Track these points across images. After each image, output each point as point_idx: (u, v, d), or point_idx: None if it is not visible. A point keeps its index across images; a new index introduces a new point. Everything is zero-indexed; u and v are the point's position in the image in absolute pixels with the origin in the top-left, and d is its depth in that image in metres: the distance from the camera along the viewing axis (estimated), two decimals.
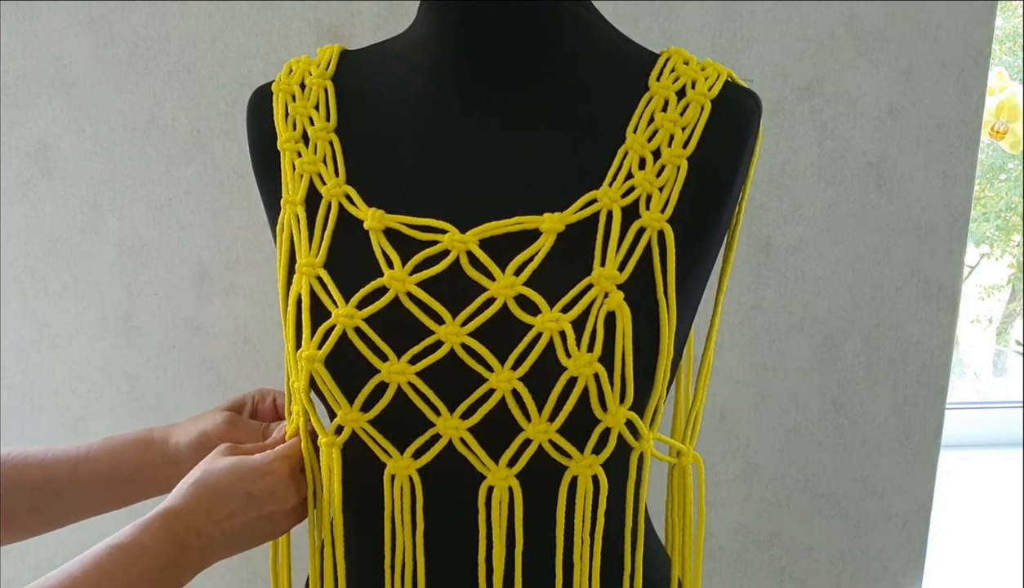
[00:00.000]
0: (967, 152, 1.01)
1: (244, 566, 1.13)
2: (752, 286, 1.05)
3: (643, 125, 0.52)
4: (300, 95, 0.58)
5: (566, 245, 0.50)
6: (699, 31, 0.98)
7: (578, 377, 0.47)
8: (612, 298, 0.48)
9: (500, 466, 0.50)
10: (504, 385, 0.48)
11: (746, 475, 1.12)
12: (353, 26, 0.97)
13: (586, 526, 0.51)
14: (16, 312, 1.05)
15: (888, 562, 1.15)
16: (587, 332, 0.47)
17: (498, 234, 0.50)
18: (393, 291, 0.50)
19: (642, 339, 0.49)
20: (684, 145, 0.52)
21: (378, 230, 0.52)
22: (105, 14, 0.96)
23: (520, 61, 0.53)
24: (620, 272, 0.49)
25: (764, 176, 1.02)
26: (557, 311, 0.48)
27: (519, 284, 0.49)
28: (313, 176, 0.55)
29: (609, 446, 0.49)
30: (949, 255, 1.05)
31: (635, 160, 0.51)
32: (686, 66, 0.54)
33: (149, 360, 1.06)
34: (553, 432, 0.48)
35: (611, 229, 0.50)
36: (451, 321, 0.49)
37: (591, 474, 0.50)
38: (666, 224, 0.50)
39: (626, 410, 0.49)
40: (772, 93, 1.00)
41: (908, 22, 0.98)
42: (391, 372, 0.49)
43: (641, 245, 0.50)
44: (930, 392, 1.09)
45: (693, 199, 0.52)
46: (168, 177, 1.01)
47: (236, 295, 1.04)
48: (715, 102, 0.53)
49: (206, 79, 0.98)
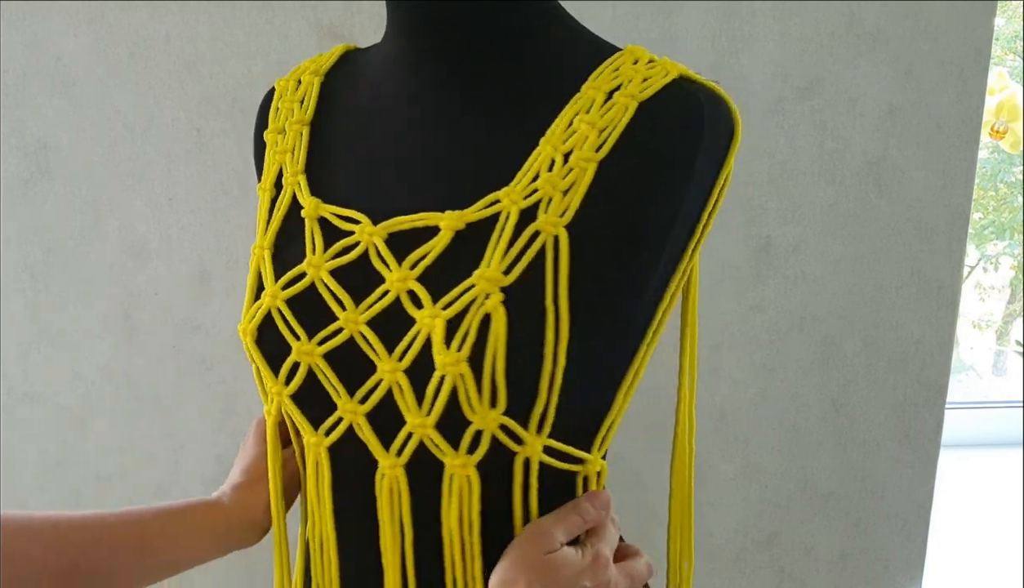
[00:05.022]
0: (967, 152, 1.01)
1: (244, 565, 1.13)
2: (752, 286, 1.05)
3: (561, 127, 0.51)
4: (293, 90, 0.61)
5: (464, 243, 0.50)
6: (699, 31, 0.98)
7: (446, 376, 0.47)
8: (491, 300, 0.47)
9: (390, 454, 0.51)
10: (389, 376, 0.50)
11: (746, 475, 1.12)
12: (353, 26, 0.97)
13: (464, 526, 0.51)
14: (16, 312, 1.05)
15: (888, 562, 1.15)
16: (460, 332, 0.47)
17: (404, 229, 0.52)
18: (310, 277, 0.53)
19: (524, 345, 0.48)
20: (597, 148, 0.49)
21: (312, 218, 0.55)
22: (105, 14, 0.96)
23: (472, 60, 0.53)
24: (506, 274, 0.48)
25: (764, 176, 1.02)
26: (438, 308, 0.48)
27: (411, 278, 0.50)
28: (282, 164, 0.59)
29: (481, 448, 0.49)
30: (949, 255, 1.05)
31: (545, 162, 0.50)
32: (635, 65, 0.52)
33: (149, 360, 1.06)
34: (431, 428, 0.49)
35: (506, 230, 0.49)
36: (352, 309, 0.51)
37: (465, 474, 0.50)
38: (562, 229, 0.48)
39: (499, 414, 0.48)
40: (772, 93, 1.00)
41: (908, 22, 0.98)
42: (300, 352, 0.52)
43: (533, 249, 0.48)
44: (930, 392, 1.09)
45: (609, 205, 0.49)
46: (168, 177, 1.01)
47: (236, 295, 1.04)
48: (647, 103, 0.50)
49: (206, 79, 0.98)
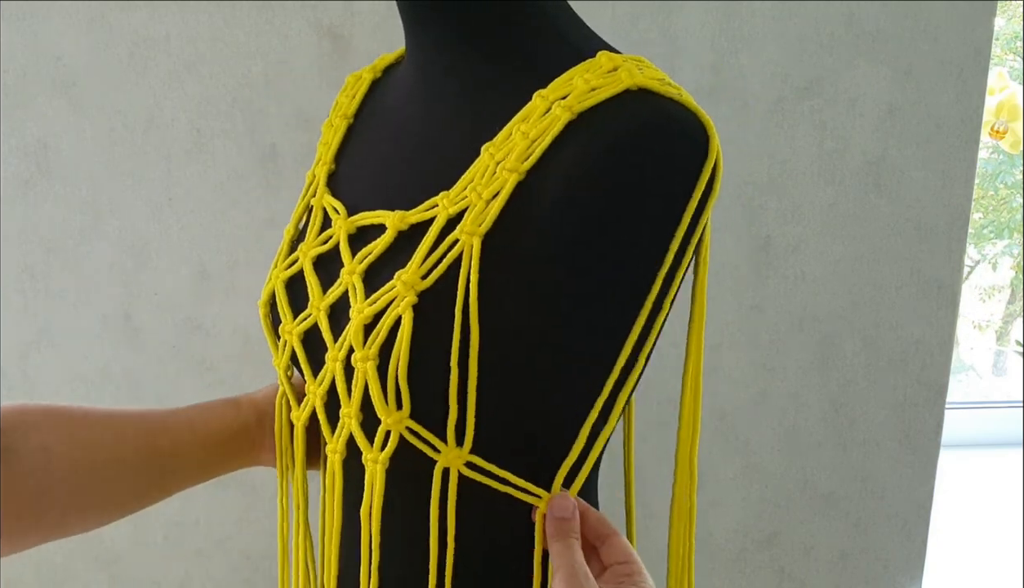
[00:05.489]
0: (967, 152, 1.01)
1: (244, 565, 1.13)
2: (752, 286, 1.05)
3: (503, 135, 0.49)
4: (354, 84, 0.65)
5: (404, 243, 0.51)
6: (699, 31, 0.98)
7: (357, 371, 0.50)
8: (404, 302, 0.48)
9: (333, 439, 0.54)
10: (330, 364, 0.52)
11: (745, 475, 1.12)
12: (353, 26, 0.97)
13: (374, 523, 0.52)
14: (16, 312, 1.05)
15: (888, 562, 1.15)
16: (374, 331, 0.49)
17: (366, 224, 0.54)
18: (300, 262, 0.57)
19: (433, 351, 0.48)
20: (524, 159, 0.47)
21: (319, 206, 0.59)
22: (105, 14, 0.96)
23: (458, 62, 0.54)
24: (424, 279, 0.48)
25: (764, 176, 1.02)
26: (365, 304, 0.50)
27: (358, 273, 0.52)
28: (321, 154, 0.63)
29: (390, 446, 0.50)
30: (949, 255, 1.05)
31: (482, 169, 0.49)
32: (588, 74, 0.48)
33: (149, 360, 1.06)
34: (354, 420, 0.51)
35: (429, 234, 0.50)
36: (318, 296, 0.54)
37: (374, 470, 0.51)
38: (478, 239, 0.47)
39: (403, 416, 0.49)
40: (772, 93, 1.00)
41: (908, 22, 0.98)
42: (284, 330, 0.57)
43: (451, 256, 0.48)
44: (930, 392, 1.09)
45: (529, 220, 0.47)
46: (168, 177, 1.01)
47: (236, 295, 1.04)
48: (585, 115, 0.46)
49: (206, 79, 0.98)
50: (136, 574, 1.12)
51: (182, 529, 1.10)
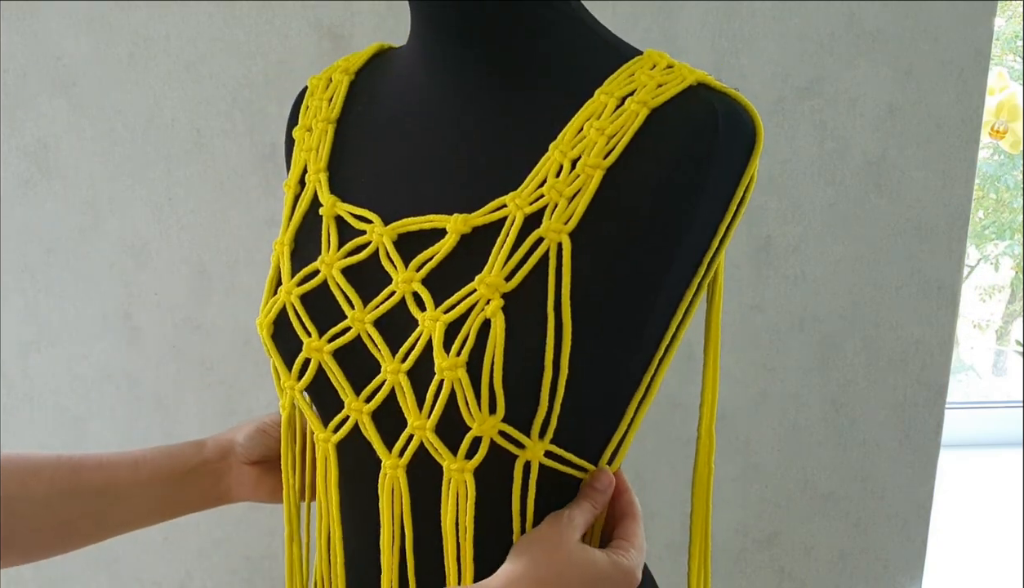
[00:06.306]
0: (967, 152, 1.01)
1: (244, 566, 1.13)
2: (752, 286, 1.05)
3: (571, 132, 0.50)
4: (324, 87, 0.61)
5: (469, 247, 0.50)
6: (699, 31, 0.98)
7: (444, 380, 0.47)
8: (491, 306, 0.47)
9: (392, 455, 0.51)
10: (391, 377, 0.50)
11: (746, 475, 1.12)
12: (353, 26, 0.97)
13: (460, 530, 0.50)
14: (16, 312, 1.05)
15: (888, 562, 1.15)
16: (460, 337, 0.47)
17: (413, 230, 0.52)
18: (323, 274, 0.54)
19: (524, 352, 0.47)
20: (606, 155, 0.48)
21: (329, 216, 0.55)
22: (105, 14, 0.96)
23: (488, 60, 0.53)
24: (508, 281, 0.48)
25: (764, 176, 1.02)
26: (439, 311, 0.48)
27: (417, 280, 0.50)
28: (307, 161, 0.59)
29: (480, 453, 0.49)
30: (949, 255, 1.05)
31: (553, 168, 0.49)
32: (651, 70, 0.50)
33: (149, 360, 1.06)
34: (430, 431, 0.49)
35: (509, 236, 0.49)
36: (360, 308, 0.52)
37: (462, 479, 0.49)
38: (566, 236, 0.48)
39: (497, 420, 0.48)
40: (772, 93, 1.00)
41: (908, 22, 0.98)
42: (310, 348, 0.53)
43: (536, 255, 0.48)
44: (930, 392, 1.09)
45: (616, 213, 0.48)
46: (168, 177, 1.01)
47: (236, 295, 1.04)
48: (659, 110, 0.49)
49: (206, 79, 0.98)
50: (136, 574, 1.12)
51: (182, 529, 1.10)
